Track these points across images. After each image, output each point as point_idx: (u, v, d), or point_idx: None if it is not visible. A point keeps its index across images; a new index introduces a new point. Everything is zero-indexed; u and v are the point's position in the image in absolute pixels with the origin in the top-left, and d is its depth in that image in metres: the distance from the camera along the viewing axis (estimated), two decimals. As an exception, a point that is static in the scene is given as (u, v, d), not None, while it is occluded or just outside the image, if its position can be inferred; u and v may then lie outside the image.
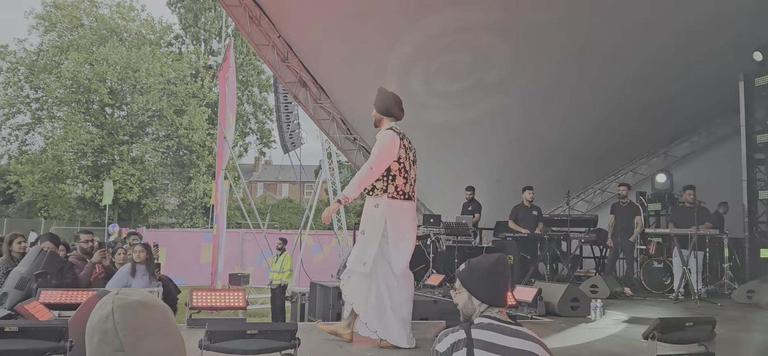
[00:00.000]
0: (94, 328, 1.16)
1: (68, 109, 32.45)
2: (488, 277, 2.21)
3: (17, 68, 33.11)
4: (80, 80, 31.31)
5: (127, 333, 1.12)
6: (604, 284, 8.68)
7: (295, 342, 3.39)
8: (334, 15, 9.43)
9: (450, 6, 8.91)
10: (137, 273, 6.40)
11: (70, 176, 32.87)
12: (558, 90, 10.41)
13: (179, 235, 21.47)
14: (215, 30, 39.13)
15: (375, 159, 4.60)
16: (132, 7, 35.10)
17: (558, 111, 10.89)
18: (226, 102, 13.29)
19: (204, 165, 34.67)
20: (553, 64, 9.86)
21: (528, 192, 10.06)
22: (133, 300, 1.18)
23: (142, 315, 1.17)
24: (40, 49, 33.39)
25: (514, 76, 10.09)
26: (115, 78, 31.80)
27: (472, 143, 11.59)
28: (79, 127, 31.74)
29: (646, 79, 10.20)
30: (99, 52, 31.93)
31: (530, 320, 6.37)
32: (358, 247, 4.73)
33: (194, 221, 34.70)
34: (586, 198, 14.05)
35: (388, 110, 4.85)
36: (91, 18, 33.77)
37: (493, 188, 12.17)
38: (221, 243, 12.71)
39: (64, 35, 33.36)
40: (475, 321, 2.13)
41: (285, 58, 10.81)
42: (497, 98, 10.63)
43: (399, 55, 9.71)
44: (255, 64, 38.26)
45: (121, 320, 1.13)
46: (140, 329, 1.15)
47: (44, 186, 31.52)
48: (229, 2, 10.08)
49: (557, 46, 9.44)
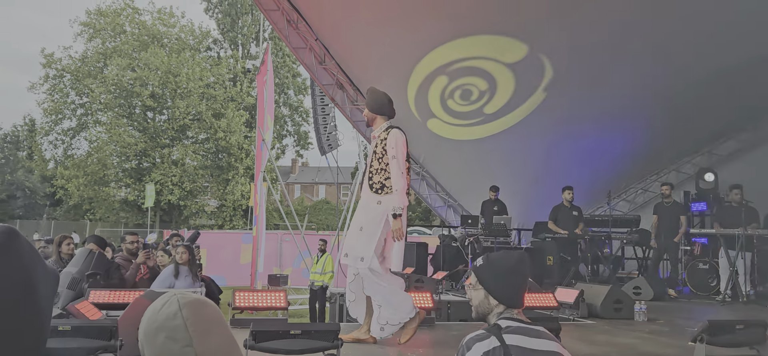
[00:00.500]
0: (160, 327, 1.19)
1: (112, 114, 33.31)
2: (509, 277, 2.10)
3: (63, 75, 34.12)
4: (123, 85, 32.11)
5: (196, 328, 1.17)
6: (647, 285, 8.51)
7: (338, 342, 3.41)
8: (372, 16, 9.46)
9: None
10: (180, 273, 6.52)
11: (114, 179, 33.72)
12: (598, 87, 10.24)
13: (219, 236, 21.78)
14: (252, 34, 39.65)
15: (403, 163, 4.67)
16: (172, 13, 35.84)
17: (598, 109, 10.71)
18: (265, 105, 13.43)
19: (242, 167, 35.17)
20: (592, 61, 9.72)
21: (568, 192, 9.92)
22: (195, 298, 1.23)
23: (205, 311, 1.22)
24: (84, 56, 34.34)
25: (553, 73, 9.98)
26: (156, 83, 32.52)
27: (509, 142, 11.49)
28: (122, 131, 32.54)
29: (690, 75, 9.96)
30: (141, 58, 32.70)
31: (572, 322, 6.28)
32: (355, 243, 4.68)
33: (234, 222, 35.22)
34: (628, 198, 13.77)
35: (381, 108, 4.87)
36: (134, 25, 34.59)
37: (531, 189, 12.05)
38: (261, 245, 12.85)
39: (108, 42, 34.25)
40: (502, 325, 2.02)
41: (322, 60, 10.90)
42: (536, 96, 10.52)
43: (437, 50, 9.70)
44: (290, 66, 38.67)
45: (188, 316, 1.17)
46: (206, 324, 1.19)
47: (89, 189, 32.40)
48: (267, 6, 10.20)
49: (596, 41, 9.29)
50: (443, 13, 9.18)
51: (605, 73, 9.94)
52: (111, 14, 33.96)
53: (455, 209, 13.03)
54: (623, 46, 9.35)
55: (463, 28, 9.53)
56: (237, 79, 37.42)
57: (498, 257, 2.17)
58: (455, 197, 12.95)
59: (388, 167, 4.66)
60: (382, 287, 4.58)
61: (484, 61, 10.07)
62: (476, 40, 9.74)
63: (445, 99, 10.78)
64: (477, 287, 2.14)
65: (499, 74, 10.24)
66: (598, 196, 12.55)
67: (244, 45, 40.39)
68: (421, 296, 5.90)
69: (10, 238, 0.97)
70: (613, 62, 9.72)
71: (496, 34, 9.59)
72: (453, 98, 10.75)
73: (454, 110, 10.99)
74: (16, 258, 0.96)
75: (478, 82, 10.42)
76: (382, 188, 4.65)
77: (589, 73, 9.93)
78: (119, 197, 34.33)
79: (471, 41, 9.76)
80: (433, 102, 10.87)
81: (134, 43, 33.59)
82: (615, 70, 9.87)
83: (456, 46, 9.86)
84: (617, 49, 9.45)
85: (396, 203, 4.57)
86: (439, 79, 10.40)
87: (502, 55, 9.88)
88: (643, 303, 6.67)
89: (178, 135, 34.62)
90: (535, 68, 10.02)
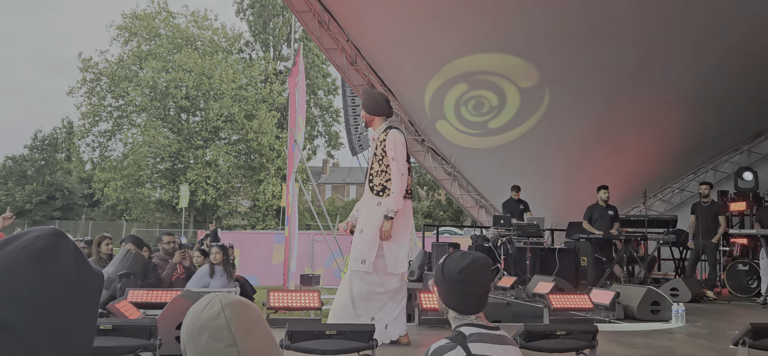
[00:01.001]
0: (203, 326, 1.21)
1: (147, 115, 33.92)
2: (457, 285, 1.97)
3: (99, 78, 34.86)
4: (158, 87, 32.65)
5: (239, 328, 1.18)
6: (685, 287, 8.35)
7: (372, 343, 3.42)
8: (404, 17, 9.48)
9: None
10: (215, 273, 6.61)
11: (149, 180, 34.34)
12: (633, 85, 10.08)
13: (251, 237, 22.00)
14: (283, 36, 39.98)
15: (402, 164, 4.61)
16: (206, 16, 36.34)
17: (633, 106, 10.54)
18: (296, 106, 13.53)
19: (273, 168, 35.49)
20: (627, 58, 9.57)
21: (603, 191, 9.78)
22: (237, 299, 1.25)
23: (247, 312, 1.24)
24: (120, 59, 35.02)
25: (587, 71, 9.85)
26: (190, 84, 33.01)
27: (541, 141, 11.38)
28: (156, 133, 33.11)
29: (728, 73, 9.74)
30: (174, 61, 33.22)
31: (608, 324, 6.19)
32: (356, 246, 4.67)
33: (266, 223, 35.57)
34: (664, 198, 13.52)
35: (378, 109, 4.82)
36: (168, 28, 35.16)
37: (564, 188, 11.91)
38: (293, 245, 12.93)
39: (143, 45, 34.88)
40: (466, 333, 1.92)
41: (353, 61, 10.94)
42: (569, 94, 10.40)
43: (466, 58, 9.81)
44: (320, 67, 38.89)
45: (232, 316, 1.19)
46: (248, 324, 1.21)
47: (126, 191, 33.04)
48: (299, 8, 10.28)
49: (632, 38, 9.15)
50: (478, 24, 9.26)
51: (642, 71, 9.78)
52: (146, 18, 34.58)
53: (487, 210, 12.95)
54: (661, 42, 9.19)
55: (494, 44, 9.77)
56: (268, 80, 37.77)
57: (450, 263, 2.02)
58: (487, 197, 12.87)
59: (388, 169, 4.63)
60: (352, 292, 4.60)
61: (502, 79, 10.43)
62: (502, 58, 10.05)
63: (459, 105, 11.07)
64: (435, 291, 2.08)
65: (510, 95, 10.67)
66: (634, 196, 12.35)
67: (275, 47, 40.76)
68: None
69: (57, 239, 1.00)
70: (650, 59, 9.56)
71: (520, 57, 9.91)
72: (467, 106, 11.08)
73: (464, 118, 11.31)
74: (64, 259, 0.98)
75: (492, 97, 10.82)
76: (383, 191, 4.63)
77: (624, 70, 9.78)
78: (154, 197, 34.94)
79: (498, 58, 10.08)
80: (448, 105, 11.14)
81: (169, 45, 34.15)
82: (652, 67, 9.70)
83: (483, 59, 10.16)
84: (654, 46, 9.29)
85: (390, 206, 4.55)
86: (459, 85, 10.63)
87: (518, 79, 10.30)
88: (681, 305, 6.55)
89: (211, 136, 35.10)
90: (537, 97, 10.47)
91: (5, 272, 0.92)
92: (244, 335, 1.19)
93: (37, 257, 0.94)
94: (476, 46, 9.86)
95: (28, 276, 0.92)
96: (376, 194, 4.66)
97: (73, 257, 0.99)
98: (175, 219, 33.91)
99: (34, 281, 0.92)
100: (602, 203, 9.79)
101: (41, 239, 0.97)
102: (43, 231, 0.99)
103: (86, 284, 1.00)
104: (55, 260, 0.96)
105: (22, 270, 0.92)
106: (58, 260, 0.96)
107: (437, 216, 35.52)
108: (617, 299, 6.44)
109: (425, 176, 31.23)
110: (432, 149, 12.27)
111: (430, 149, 12.26)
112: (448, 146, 12.19)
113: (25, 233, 0.99)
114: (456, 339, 1.91)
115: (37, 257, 0.94)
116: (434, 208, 37.20)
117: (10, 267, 0.92)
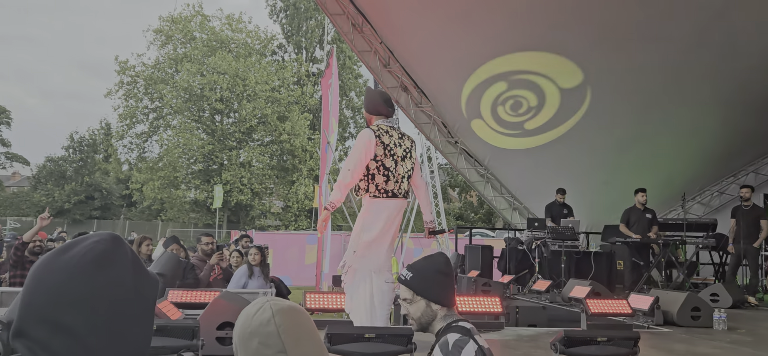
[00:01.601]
0: (253, 332, 1.23)
1: (182, 117, 34.48)
2: (443, 279, 2.14)
3: (136, 81, 35.55)
4: (193, 90, 33.17)
5: (288, 335, 1.20)
6: (725, 292, 8.15)
7: (412, 346, 3.43)
8: (436, 18, 9.46)
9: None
10: (254, 274, 6.70)
11: (184, 181, 34.90)
12: (672, 86, 9.90)
13: (284, 237, 22.18)
14: (316, 38, 40.25)
15: (350, 160, 4.54)
16: (241, 20, 36.79)
17: (672, 108, 10.35)
18: (329, 108, 13.62)
19: (306, 169, 35.74)
20: (666, 59, 9.40)
21: (641, 195, 9.62)
22: (288, 305, 1.26)
23: (297, 318, 1.25)
24: (157, 62, 35.67)
25: (626, 72, 9.70)
26: (225, 87, 33.44)
27: (577, 142, 11.24)
28: (191, 135, 33.63)
29: (767, 74, 9.51)
30: (209, 63, 33.70)
31: (647, 329, 6.09)
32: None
33: (298, 223, 35.84)
34: (703, 201, 13.23)
35: (375, 108, 4.76)
36: (204, 31, 35.69)
37: (600, 190, 11.74)
38: (326, 246, 13.02)
39: (179, 48, 35.47)
40: (467, 327, 2.07)
41: (387, 63, 10.96)
42: (608, 95, 10.26)
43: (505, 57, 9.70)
44: (352, 68, 39.02)
45: (281, 323, 1.20)
46: (298, 331, 1.22)
47: (162, 191, 33.63)
48: (333, 11, 10.34)
49: (671, 40, 8.98)
50: (512, 23, 9.18)
51: (680, 71, 9.60)
52: (182, 21, 35.15)
53: (521, 212, 12.84)
54: (699, 42, 9.01)
55: (537, 43, 9.63)
56: (300, 82, 38.07)
57: (424, 264, 2.19)
58: (521, 199, 12.76)
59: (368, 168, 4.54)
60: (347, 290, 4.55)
61: (543, 79, 10.25)
62: (546, 57, 9.84)
63: (496, 105, 10.89)
64: (416, 299, 2.13)
65: (550, 95, 10.45)
66: (671, 199, 12.12)
67: (307, 49, 41.05)
68: (489, 300, 5.83)
69: (116, 245, 1.03)
70: (688, 60, 9.38)
71: (562, 55, 9.69)
72: (504, 106, 10.88)
73: (501, 118, 11.12)
74: (122, 264, 1.01)
75: (530, 97, 10.61)
76: (358, 190, 4.62)
77: (662, 71, 9.60)
78: (189, 198, 35.50)
79: (541, 57, 9.87)
80: (485, 105, 10.95)
81: (204, 48, 34.66)
82: (690, 67, 9.52)
83: (523, 58, 9.99)
84: (692, 46, 9.11)
85: (330, 197, 4.54)
86: (498, 84, 10.46)
87: (560, 79, 10.10)
88: (722, 311, 6.41)
89: (244, 137, 35.52)
90: (579, 98, 10.26)
91: (67, 276, 0.95)
92: (293, 342, 1.21)
93: (97, 262, 0.97)
94: (516, 45, 9.76)
95: (89, 280, 0.96)
96: (355, 193, 4.69)
97: (130, 262, 1.02)
98: (209, 219, 34.39)
99: (94, 285, 0.95)
100: (640, 206, 9.63)
101: (100, 245, 1.00)
102: (102, 236, 1.02)
103: (143, 289, 1.03)
104: (114, 265, 0.99)
105: (83, 275, 0.96)
106: (117, 265, 0.99)
107: (468, 218, 35.36)
108: (657, 304, 6.33)
109: (457, 177, 31.10)
110: (465, 150, 12.22)
111: (464, 150, 12.22)
112: (481, 147, 12.10)
113: (85, 239, 1.02)
114: (465, 332, 2.03)
115: (97, 262, 0.97)
116: (465, 209, 37.03)
117: (72, 271, 0.95)
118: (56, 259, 0.97)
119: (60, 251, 1.00)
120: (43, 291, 0.94)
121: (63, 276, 0.95)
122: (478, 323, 5.33)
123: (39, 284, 0.95)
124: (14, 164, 44.35)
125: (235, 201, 33.55)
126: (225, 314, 3.88)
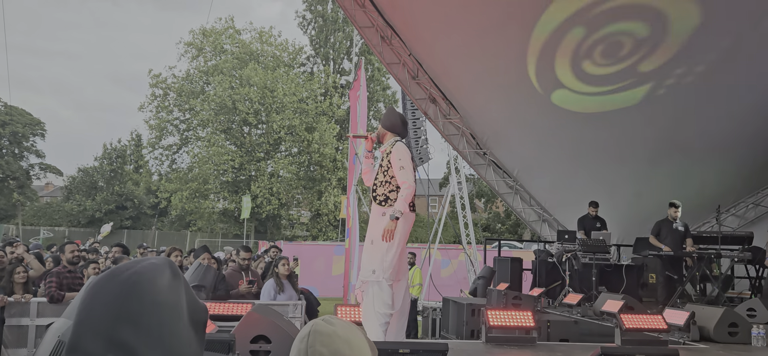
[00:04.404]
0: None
1: (211, 129, 34.93)
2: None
3: (167, 93, 36.14)
4: (225, 102, 33.60)
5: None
6: (763, 307, 7.93)
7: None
8: (466, 30, 9.43)
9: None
10: (284, 287, 6.74)
11: (213, 191, 35.32)
12: (707, 94, 9.71)
13: (312, 248, 22.29)
14: (343, 49, 40.50)
15: (411, 175, 4.84)
16: (271, 33, 37.22)
17: (706, 117, 10.17)
18: (358, 119, 13.68)
19: (334, 179, 35.88)
20: (698, 66, 9.24)
21: (673, 209, 9.46)
22: (340, 338, 1.23)
23: (346, 351, 1.23)
24: (188, 74, 36.23)
25: (658, 78, 9.55)
26: (255, 98, 33.80)
27: (607, 154, 11.11)
28: (219, 147, 34.05)
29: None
30: (239, 75, 34.12)
31: (683, 345, 5.97)
32: (366, 256, 4.89)
33: (327, 234, 35.96)
34: (737, 213, 12.96)
35: (393, 127, 5.13)
36: (235, 44, 36.17)
37: (631, 202, 11.57)
38: (354, 257, 13.04)
39: (210, 61, 35.99)
40: None
41: (415, 75, 10.98)
42: (636, 106, 10.12)
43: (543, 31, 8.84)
44: (380, 80, 39.15)
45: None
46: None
47: (191, 202, 34.06)
48: (362, 23, 10.40)
49: (706, 48, 8.83)
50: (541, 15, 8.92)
51: (713, 81, 9.42)
52: (213, 34, 35.66)
53: (550, 224, 12.72)
54: (733, 51, 8.85)
55: None
56: (328, 93, 38.32)
57: None
58: (550, 211, 12.63)
59: (393, 180, 4.83)
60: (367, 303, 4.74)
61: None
62: None
63: (578, 60, 8.58)
64: None
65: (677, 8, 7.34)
66: (705, 211, 11.89)
67: (335, 61, 41.32)
68: (520, 314, 5.77)
69: (172, 269, 1.06)
70: (721, 69, 9.20)
71: None
72: (591, 58, 8.45)
73: (591, 74, 8.76)
74: (176, 288, 1.04)
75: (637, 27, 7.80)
76: (386, 201, 4.83)
77: (694, 80, 9.44)
78: (217, 208, 35.89)
79: None
80: (561, 68, 8.75)
81: (234, 61, 35.11)
82: (724, 76, 9.34)
83: None
84: (726, 56, 8.95)
85: (397, 206, 4.73)
86: (572, 33, 8.14)
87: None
88: (761, 327, 6.25)
89: (272, 149, 35.82)
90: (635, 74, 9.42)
91: (124, 295, 0.98)
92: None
93: (154, 283, 1.00)
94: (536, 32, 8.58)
95: (145, 300, 0.98)
96: (378, 203, 4.87)
97: (183, 287, 1.05)
98: (238, 230, 34.70)
99: (151, 304, 0.98)
100: (672, 219, 9.47)
101: (158, 269, 1.03)
102: (158, 260, 1.06)
103: (195, 314, 1.06)
104: (170, 289, 1.02)
105: (139, 294, 0.99)
106: (172, 290, 1.02)
107: (495, 229, 35.09)
108: (692, 319, 6.20)
109: (483, 188, 30.91)
110: (494, 162, 12.16)
111: (492, 162, 12.16)
112: (511, 159, 11.98)
113: (141, 261, 1.06)
114: None
115: (153, 283, 1.00)
116: (492, 221, 36.77)
117: (130, 290, 0.98)
118: (113, 278, 1.00)
119: (117, 271, 1.03)
120: (100, 306, 0.96)
121: (120, 294, 0.98)
122: (509, 338, 5.29)
123: (95, 299, 0.97)
124: (48, 175, 45.30)
125: (265, 212, 33.80)
126: (259, 327, 3.91)
